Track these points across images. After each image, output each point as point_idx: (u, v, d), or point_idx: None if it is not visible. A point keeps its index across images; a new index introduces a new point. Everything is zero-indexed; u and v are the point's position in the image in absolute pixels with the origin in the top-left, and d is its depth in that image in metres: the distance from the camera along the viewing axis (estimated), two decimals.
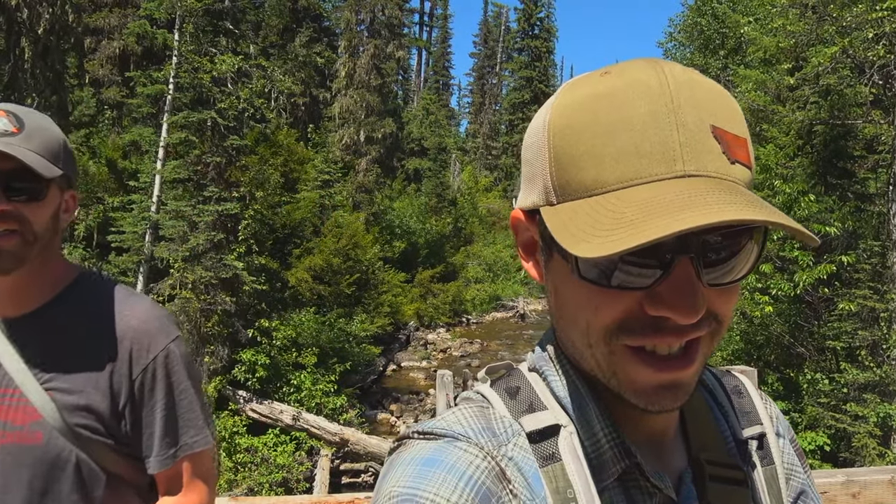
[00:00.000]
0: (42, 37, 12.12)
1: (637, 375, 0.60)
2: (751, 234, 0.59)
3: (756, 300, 10.38)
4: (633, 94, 0.57)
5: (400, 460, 0.63)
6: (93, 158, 16.53)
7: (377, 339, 19.03)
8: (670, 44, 20.29)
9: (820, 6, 9.60)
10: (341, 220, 19.75)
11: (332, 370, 14.09)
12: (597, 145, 0.57)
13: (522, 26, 49.76)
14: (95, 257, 13.51)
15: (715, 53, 17.44)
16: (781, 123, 11.80)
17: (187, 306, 12.63)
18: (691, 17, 18.55)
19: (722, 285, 0.59)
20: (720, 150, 0.56)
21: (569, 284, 0.62)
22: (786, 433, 0.85)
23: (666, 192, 0.54)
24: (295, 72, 23.85)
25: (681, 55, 19.83)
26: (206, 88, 12.89)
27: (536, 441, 0.66)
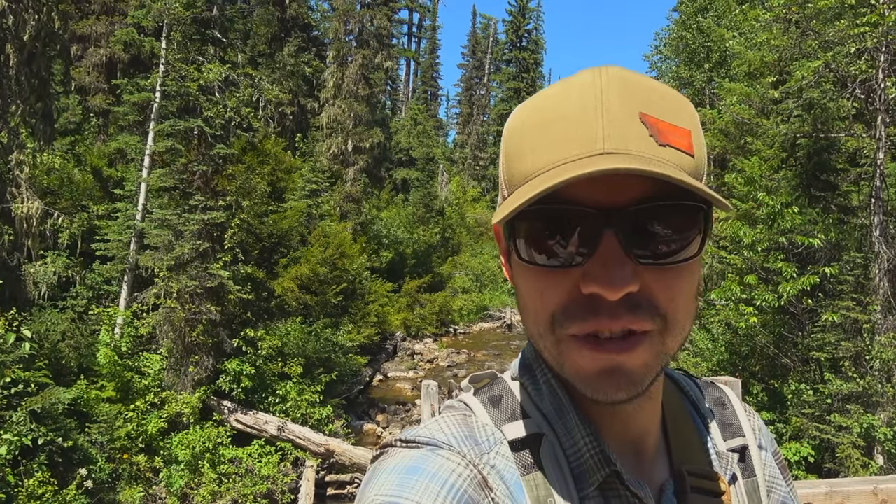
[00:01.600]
0: (28, 43, 12.02)
1: (579, 360, 0.61)
2: (687, 216, 0.60)
3: (741, 311, 10.44)
4: (570, 92, 0.62)
5: (382, 468, 0.63)
6: (78, 166, 16.38)
7: (364, 350, 18.94)
8: (656, 57, 20.51)
9: (803, 21, 9.73)
10: (328, 229, 19.69)
11: (318, 380, 13.99)
12: (535, 138, 0.61)
13: (510, 38, 50.07)
14: (79, 266, 13.35)
15: (700, 67, 17.63)
16: (766, 136, 11.93)
17: (172, 315, 12.51)
18: (677, 31, 18.76)
19: (656, 265, 0.59)
20: (647, 133, 0.59)
21: (520, 274, 0.65)
22: (768, 446, 0.85)
23: (579, 165, 0.56)
24: (283, 81, 23.82)
25: (666, 68, 20.04)
26: (192, 97, 12.83)
27: (518, 449, 0.66)
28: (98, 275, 13.81)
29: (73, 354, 11.54)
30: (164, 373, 12.50)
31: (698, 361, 12.62)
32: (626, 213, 0.58)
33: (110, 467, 10.46)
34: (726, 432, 0.80)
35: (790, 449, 9.33)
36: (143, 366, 12.42)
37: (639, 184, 0.58)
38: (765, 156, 11.59)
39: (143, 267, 13.16)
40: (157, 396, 12.01)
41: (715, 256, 13.32)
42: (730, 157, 14.30)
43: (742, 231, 10.57)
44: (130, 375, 11.92)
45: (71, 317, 12.31)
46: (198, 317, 12.46)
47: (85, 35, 18.31)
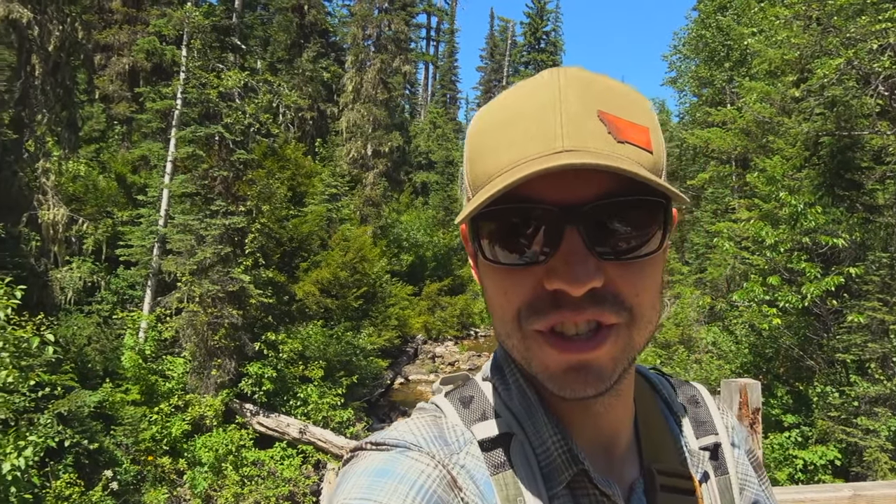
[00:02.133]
0: (52, 54, 12.28)
1: (546, 358, 0.61)
2: (647, 211, 0.61)
3: (764, 312, 10.30)
4: (530, 92, 0.63)
5: (352, 471, 0.63)
6: (102, 173, 16.66)
7: (385, 353, 18.99)
8: (675, 56, 20.32)
9: (824, 18, 9.60)
10: (348, 233, 19.79)
11: (339, 383, 14.07)
12: (496, 138, 0.62)
13: (529, 40, 49.97)
14: (104, 271, 13.58)
15: (720, 66, 17.44)
16: (787, 135, 11.77)
17: (194, 319, 12.66)
18: (696, 30, 18.58)
19: (618, 259, 0.60)
20: (605, 130, 0.60)
21: (486, 274, 0.66)
22: (742, 444, 0.85)
23: (539, 163, 0.57)
24: (302, 86, 24.01)
25: (686, 68, 19.86)
26: (213, 103, 13.00)
27: (488, 449, 0.66)
28: (122, 280, 14.03)
29: (99, 358, 11.73)
30: (187, 376, 12.66)
31: (721, 364, 12.46)
32: (587, 210, 0.58)
33: (135, 469, 10.61)
34: (699, 430, 0.80)
35: (816, 452, 9.18)
36: (167, 369, 12.59)
37: (599, 180, 0.59)
38: (787, 155, 11.44)
39: (166, 272, 13.35)
40: (180, 399, 12.16)
41: (737, 257, 13.16)
42: (751, 156, 14.13)
43: (764, 231, 10.42)
44: (155, 379, 12.09)
45: (96, 321, 12.52)
46: (220, 320, 12.60)
47: (108, 44, 18.63)
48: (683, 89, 20.75)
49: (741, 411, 4.02)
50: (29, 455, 4.93)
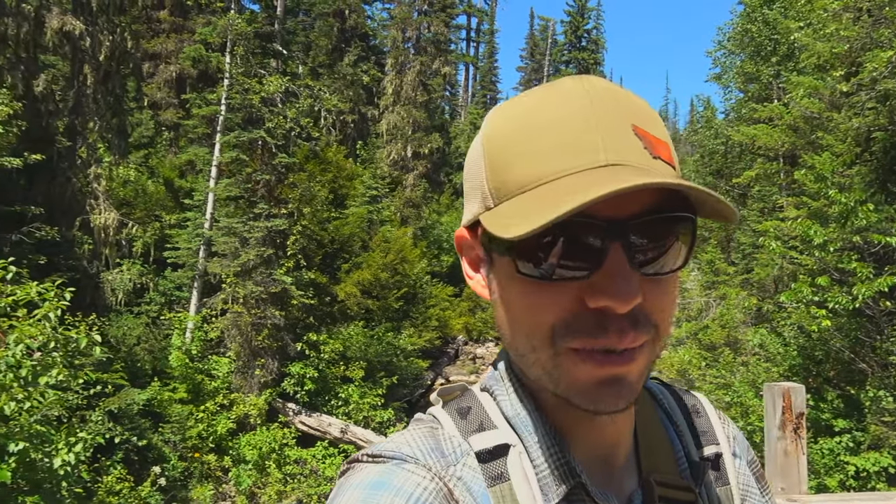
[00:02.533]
0: (103, 63, 12.73)
1: (580, 373, 0.60)
2: (682, 227, 0.61)
3: (813, 314, 9.99)
4: (559, 99, 0.62)
5: (348, 484, 0.63)
6: (151, 178, 17.19)
7: (425, 353, 19.07)
8: (719, 52, 19.84)
9: (875, 9, 9.26)
10: (389, 234, 19.94)
11: (380, 384, 14.19)
12: (528, 145, 0.60)
13: (569, 39, 49.52)
14: (152, 273, 14.00)
15: (767, 60, 16.97)
16: (837, 131, 11.40)
17: (239, 320, 12.96)
18: (741, 25, 18.10)
19: (654, 275, 0.60)
20: (641, 146, 0.60)
21: (513, 286, 0.63)
22: (743, 454, 0.83)
23: (591, 176, 0.56)
24: (343, 90, 24.32)
25: (730, 63, 19.38)
26: (255, 108, 13.27)
27: (486, 461, 0.65)
28: (170, 281, 14.45)
29: (148, 357, 12.10)
30: (232, 375, 12.96)
31: (769, 367, 12.14)
32: (631, 226, 0.58)
33: (182, 465, 10.91)
34: (700, 440, 0.79)
35: (868, 459, 8.86)
36: (213, 368, 12.91)
37: (641, 196, 0.58)
38: (836, 151, 11.07)
39: (211, 273, 13.69)
40: (225, 398, 12.45)
41: (785, 257, 12.80)
42: (799, 153, 13.73)
43: (813, 230, 10.11)
44: (201, 378, 12.41)
45: (145, 322, 12.92)
46: (263, 321, 12.86)
47: (156, 53, 19.21)
48: (728, 85, 20.24)
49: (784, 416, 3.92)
50: (79, 451, 5.11)
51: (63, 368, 4.98)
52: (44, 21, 11.93)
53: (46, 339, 4.97)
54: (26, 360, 4.84)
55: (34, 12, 11.80)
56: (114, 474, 8.99)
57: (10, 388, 4.73)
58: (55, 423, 6.13)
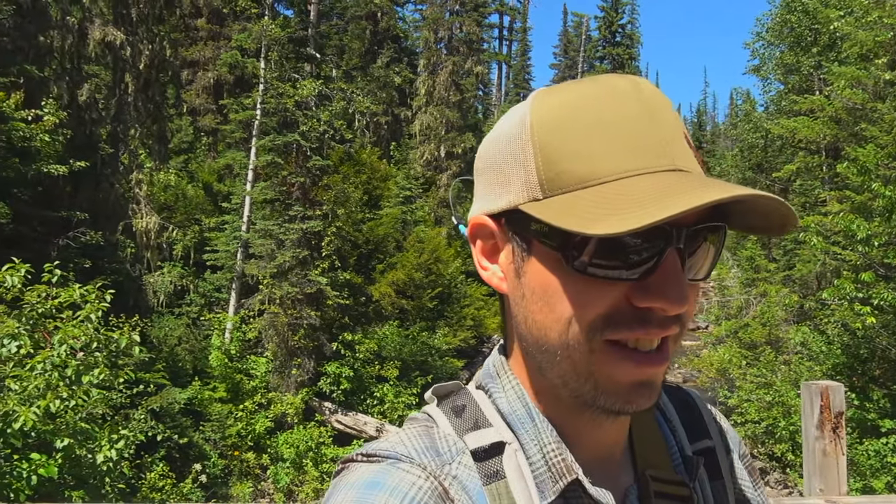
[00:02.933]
0: (143, 71, 13.08)
1: (617, 372, 0.60)
2: (721, 235, 0.63)
3: (857, 311, 9.71)
4: (614, 96, 0.61)
5: (343, 484, 0.62)
6: (191, 182, 17.61)
7: (460, 353, 19.09)
8: (758, 44, 19.41)
9: None
10: (423, 235, 20.02)
11: (415, 383, 14.28)
12: (587, 139, 0.59)
13: (603, 34, 49.01)
14: (192, 275, 14.34)
15: (807, 51, 16.55)
16: (881, 122, 11.06)
17: (275, 320, 13.18)
18: (780, 15, 17.69)
19: (697, 280, 0.62)
20: (692, 154, 0.61)
21: (556, 280, 0.61)
22: (736, 448, 0.83)
23: (667, 179, 0.56)
24: (376, 92, 24.50)
25: (769, 55, 18.95)
26: (289, 112, 13.49)
27: (481, 459, 0.65)
28: (209, 283, 14.78)
29: (189, 357, 12.41)
30: (269, 375, 13.20)
31: (812, 366, 11.83)
32: (689, 232, 0.59)
33: (222, 463, 11.16)
34: (692, 435, 0.79)
35: None
36: (251, 368, 13.16)
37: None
38: (881, 143, 10.73)
39: (248, 275, 13.96)
40: (263, 397, 12.69)
41: (828, 253, 12.46)
42: (842, 145, 13.35)
43: (856, 225, 9.82)
44: (239, 377, 12.66)
45: (186, 322, 13.25)
46: (299, 321, 13.06)
47: (194, 60, 19.66)
48: (768, 77, 19.80)
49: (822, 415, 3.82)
50: (121, 447, 5.29)
51: (105, 368, 5.15)
52: (87, 32, 12.31)
53: (89, 340, 5.14)
54: (71, 359, 5.02)
55: (78, 24, 12.19)
56: (156, 471, 9.24)
57: (56, 386, 4.91)
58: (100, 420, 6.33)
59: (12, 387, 4.82)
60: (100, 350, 5.30)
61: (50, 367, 4.91)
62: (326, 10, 24.87)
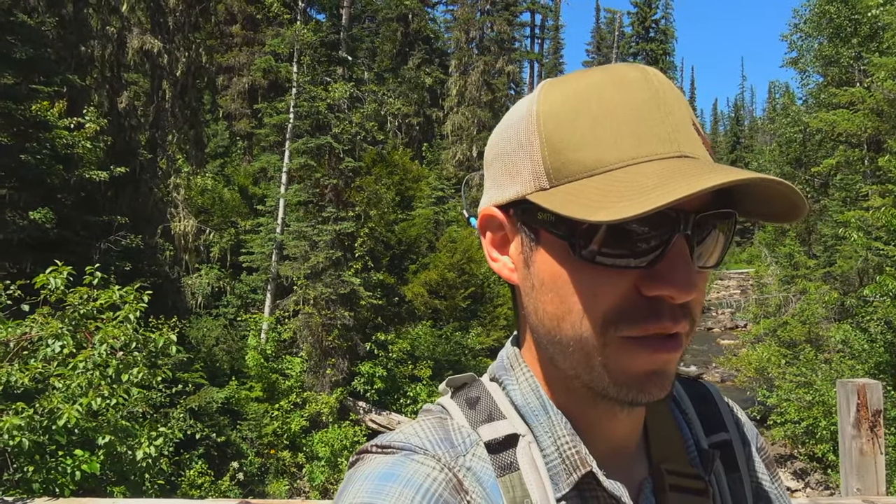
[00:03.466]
0: (180, 78, 13.40)
1: (631, 362, 0.60)
2: (731, 222, 0.62)
3: None
4: (622, 85, 0.61)
5: (357, 475, 0.62)
6: (227, 186, 17.96)
7: (493, 352, 19.03)
8: (796, 35, 18.95)
9: None
10: (456, 235, 20.05)
11: None
12: (594, 129, 0.59)
13: (637, 30, 48.39)
14: (229, 277, 14.63)
15: (847, 42, 16.11)
16: None
17: (310, 321, 13.37)
18: (819, 6, 17.25)
19: (705, 268, 0.62)
20: (700, 141, 0.61)
21: (565, 270, 0.61)
22: (752, 441, 0.83)
23: (672, 165, 0.56)
24: (408, 93, 24.64)
25: (808, 47, 18.49)
26: (322, 115, 13.66)
27: (495, 451, 0.65)
28: (245, 284, 15.06)
29: (226, 357, 12.66)
30: (304, 374, 13.39)
31: (854, 364, 11.53)
32: (697, 218, 0.58)
33: (259, 461, 11.36)
34: (708, 428, 0.78)
35: None
36: (286, 368, 13.37)
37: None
38: None
39: (283, 276, 14.18)
40: (298, 397, 12.88)
41: (870, 249, 12.12)
42: (884, 138, 12.97)
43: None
44: (275, 377, 12.88)
45: (223, 323, 13.52)
46: (333, 322, 13.22)
47: (229, 66, 20.05)
48: (806, 70, 19.31)
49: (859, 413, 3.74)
50: (160, 444, 5.44)
51: (144, 367, 5.29)
52: (125, 41, 12.66)
53: (128, 340, 5.29)
54: (112, 358, 5.18)
55: (117, 34, 12.55)
56: (195, 468, 9.47)
57: (97, 385, 5.08)
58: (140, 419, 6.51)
59: (56, 385, 4.99)
60: (139, 350, 5.44)
61: (91, 367, 5.06)
62: (358, 13, 25.09)
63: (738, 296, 29.85)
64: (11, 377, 4.49)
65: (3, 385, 4.42)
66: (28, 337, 5.01)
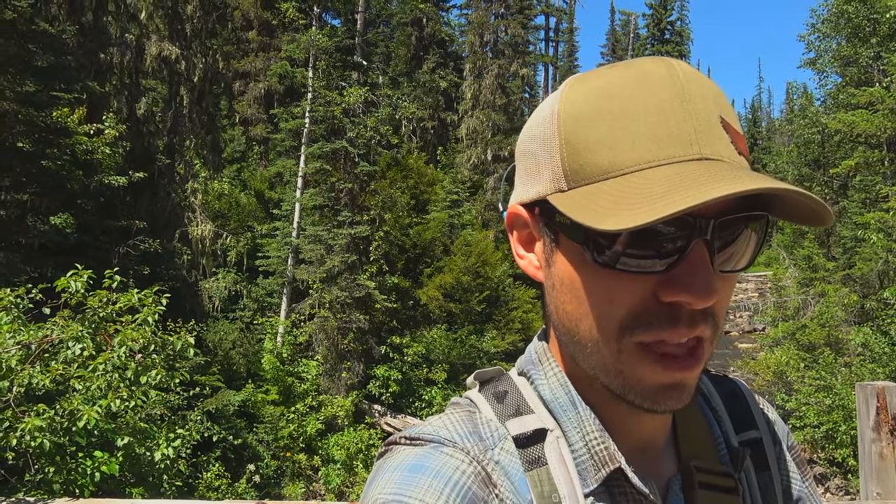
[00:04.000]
0: (197, 84, 13.56)
1: (645, 374, 0.59)
2: (757, 225, 0.60)
3: None
4: (645, 83, 0.59)
5: (387, 466, 0.63)
6: (243, 190, 18.11)
7: (508, 356, 19.02)
8: (813, 36, 18.77)
9: None
10: (470, 238, 20.06)
11: (463, 386, 14.30)
12: (612, 129, 0.58)
13: (652, 32, 48.22)
14: (245, 280, 14.75)
15: (865, 42, 15.93)
16: None
17: (325, 324, 13.43)
18: (837, 6, 17.08)
19: (727, 273, 0.60)
20: (728, 139, 0.58)
21: (583, 273, 0.61)
22: (784, 439, 0.82)
23: (688, 170, 0.54)
24: (423, 97, 24.72)
25: (826, 47, 18.31)
26: (337, 120, 13.75)
27: (523, 445, 0.65)
28: (261, 288, 15.17)
29: (242, 361, 12.76)
30: (320, 378, 13.45)
31: (874, 368, 11.38)
32: (715, 223, 0.56)
33: (275, 464, 11.43)
34: (738, 425, 0.78)
35: None
36: (302, 371, 13.44)
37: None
38: None
39: (299, 280, 14.27)
40: (314, 400, 12.94)
41: (891, 250, 11.97)
42: None
43: None
44: (291, 380, 12.95)
45: (240, 327, 13.63)
46: (348, 325, 13.28)
47: (246, 72, 20.24)
48: (824, 70, 19.13)
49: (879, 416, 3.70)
50: (178, 445, 5.50)
51: (162, 369, 5.35)
52: (144, 48, 12.84)
53: (146, 342, 5.36)
54: (130, 361, 5.25)
55: (135, 41, 12.73)
56: (213, 471, 9.54)
57: (117, 387, 5.14)
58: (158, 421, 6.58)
59: (77, 387, 5.06)
60: (157, 352, 5.51)
61: (111, 369, 5.13)
62: (373, 17, 25.24)
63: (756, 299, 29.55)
64: (33, 379, 4.56)
65: (25, 387, 4.50)
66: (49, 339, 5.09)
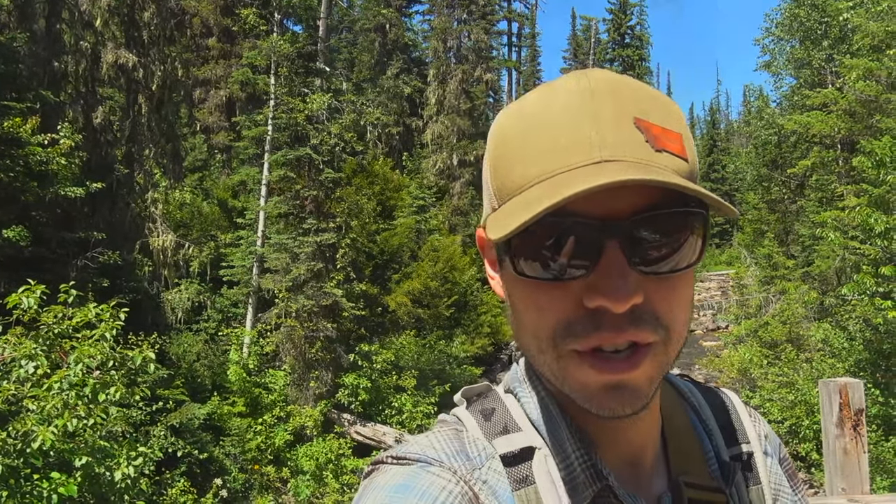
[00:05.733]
0: (156, 92, 13.27)
1: (582, 377, 0.59)
2: (688, 222, 0.59)
3: (878, 306, 9.57)
4: (554, 97, 0.61)
5: (373, 486, 0.62)
6: (206, 199, 17.79)
7: (478, 360, 19.06)
8: (768, 39, 19.27)
9: None
10: (438, 243, 20.06)
11: (433, 392, 14.26)
12: (523, 146, 0.60)
13: (612, 36, 48.93)
14: (209, 291, 14.48)
15: (817, 45, 16.40)
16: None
17: (292, 334, 13.25)
18: (789, 10, 17.57)
19: (658, 274, 0.58)
20: (643, 139, 0.57)
21: (516, 288, 0.62)
22: (775, 452, 0.81)
23: (579, 174, 0.55)
24: (387, 103, 24.65)
25: (780, 50, 18.80)
26: (300, 127, 13.61)
27: (511, 464, 0.64)
28: (226, 299, 14.90)
29: (207, 373, 12.50)
30: (288, 388, 13.26)
31: (834, 363, 11.66)
32: (627, 223, 0.56)
33: (243, 477, 11.20)
34: (730, 439, 0.76)
35: None
36: (269, 382, 13.23)
37: (639, 191, 0.56)
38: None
39: (264, 289, 14.06)
40: (282, 410, 12.75)
41: (847, 248, 12.29)
42: (857, 138, 13.18)
43: (874, 218, 9.70)
44: (258, 391, 12.73)
45: (204, 338, 13.36)
46: (316, 334, 13.13)
47: (206, 79, 19.91)
48: (779, 73, 19.65)
49: (842, 413, 3.77)
50: (139, 464, 5.33)
51: (121, 386, 5.19)
52: (100, 56, 12.52)
53: (105, 359, 5.20)
54: (88, 378, 5.08)
55: (91, 48, 12.41)
56: (177, 487, 9.30)
57: (74, 405, 4.97)
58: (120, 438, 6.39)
59: (31, 407, 4.88)
60: (116, 368, 5.35)
61: (67, 387, 4.96)
62: (335, 24, 25.10)
63: (718, 297, 30.11)
64: None
65: None
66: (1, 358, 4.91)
